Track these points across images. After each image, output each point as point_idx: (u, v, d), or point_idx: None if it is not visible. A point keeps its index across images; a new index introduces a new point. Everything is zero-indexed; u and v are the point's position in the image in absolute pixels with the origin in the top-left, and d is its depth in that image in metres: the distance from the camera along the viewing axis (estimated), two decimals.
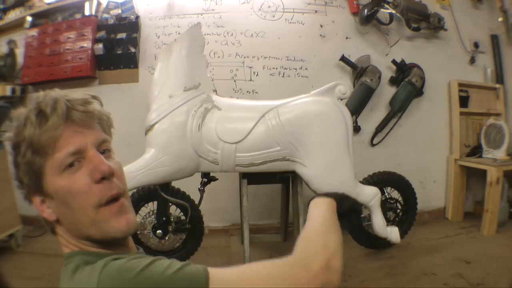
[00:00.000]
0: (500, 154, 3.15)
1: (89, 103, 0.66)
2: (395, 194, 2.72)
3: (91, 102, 0.67)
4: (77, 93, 0.67)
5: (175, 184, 2.46)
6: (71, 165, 0.62)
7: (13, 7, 3.47)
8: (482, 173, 3.01)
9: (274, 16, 3.30)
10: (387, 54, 3.34)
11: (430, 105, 3.43)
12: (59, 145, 0.61)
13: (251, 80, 3.26)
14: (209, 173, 2.40)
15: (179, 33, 3.13)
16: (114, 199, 0.64)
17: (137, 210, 2.42)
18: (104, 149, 0.67)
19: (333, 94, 2.27)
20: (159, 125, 2.16)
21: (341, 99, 2.29)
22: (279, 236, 3.08)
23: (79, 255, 0.62)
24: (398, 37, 3.34)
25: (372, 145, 3.37)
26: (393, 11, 3.21)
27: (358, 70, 3.21)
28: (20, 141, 0.62)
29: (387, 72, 3.34)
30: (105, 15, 3.32)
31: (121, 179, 0.67)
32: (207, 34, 3.04)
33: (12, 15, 3.47)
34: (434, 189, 3.44)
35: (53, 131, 0.61)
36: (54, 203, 0.63)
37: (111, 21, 3.28)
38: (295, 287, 0.58)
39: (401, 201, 2.72)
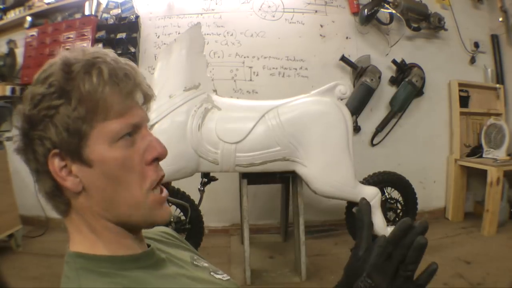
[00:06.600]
0: (500, 154, 3.15)
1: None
2: (395, 194, 2.71)
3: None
4: None
5: (175, 184, 2.45)
6: (127, 135, 0.55)
7: (13, 7, 3.47)
8: (483, 173, 3.01)
9: (274, 16, 3.30)
10: (387, 54, 3.33)
11: (430, 105, 3.42)
12: (124, 112, 0.55)
13: (251, 80, 3.26)
14: (209, 173, 2.40)
15: (179, 33, 3.13)
16: (160, 187, 0.61)
17: None
18: None
19: (333, 94, 2.27)
20: (159, 125, 2.16)
21: (341, 99, 2.29)
22: (279, 236, 3.07)
23: (75, 257, 0.55)
24: (398, 37, 3.34)
25: (372, 145, 3.36)
26: (393, 11, 3.20)
27: (358, 70, 3.21)
28: (70, 91, 0.52)
29: (387, 72, 3.34)
30: (105, 15, 3.32)
31: None
32: (207, 34, 3.04)
33: (12, 15, 3.46)
34: (434, 189, 3.43)
35: (125, 98, 0.55)
36: (91, 173, 0.54)
37: (111, 21, 3.28)
38: None
39: (401, 201, 2.71)
